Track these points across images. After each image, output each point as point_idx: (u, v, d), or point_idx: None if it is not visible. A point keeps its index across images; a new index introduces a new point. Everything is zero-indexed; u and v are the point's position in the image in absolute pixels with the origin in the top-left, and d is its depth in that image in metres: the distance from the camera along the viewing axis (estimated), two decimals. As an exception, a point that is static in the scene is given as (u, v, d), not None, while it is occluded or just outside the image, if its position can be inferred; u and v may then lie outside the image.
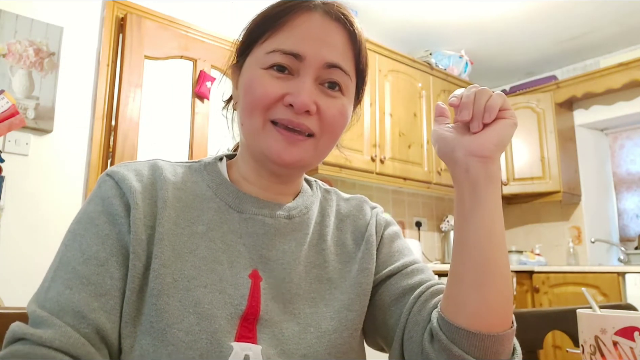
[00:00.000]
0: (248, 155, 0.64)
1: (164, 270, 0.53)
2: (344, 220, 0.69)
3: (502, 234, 0.53)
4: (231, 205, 0.61)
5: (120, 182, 0.57)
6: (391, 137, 3.08)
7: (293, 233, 0.62)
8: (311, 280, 0.61)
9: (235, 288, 0.55)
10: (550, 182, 3.57)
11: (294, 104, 0.56)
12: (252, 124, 0.59)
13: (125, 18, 2.40)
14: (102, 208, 0.56)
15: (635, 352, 0.50)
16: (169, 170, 0.62)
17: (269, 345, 0.54)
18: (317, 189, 0.72)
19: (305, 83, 0.57)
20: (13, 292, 1.82)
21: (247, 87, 0.59)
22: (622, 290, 2.85)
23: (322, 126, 0.59)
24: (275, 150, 0.58)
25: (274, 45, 0.58)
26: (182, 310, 0.52)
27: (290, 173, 0.64)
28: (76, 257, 0.52)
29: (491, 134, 0.52)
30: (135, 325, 0.51)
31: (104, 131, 2.31)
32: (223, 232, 0.59)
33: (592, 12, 3.18)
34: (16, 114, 1.99)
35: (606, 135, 3.95)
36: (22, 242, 2.00)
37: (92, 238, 0.53)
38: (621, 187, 3.85)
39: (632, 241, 3.68)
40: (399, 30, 3.42)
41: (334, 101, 0.59)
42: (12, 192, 2.01)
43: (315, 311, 0.59)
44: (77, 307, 0.49)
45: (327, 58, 0.58)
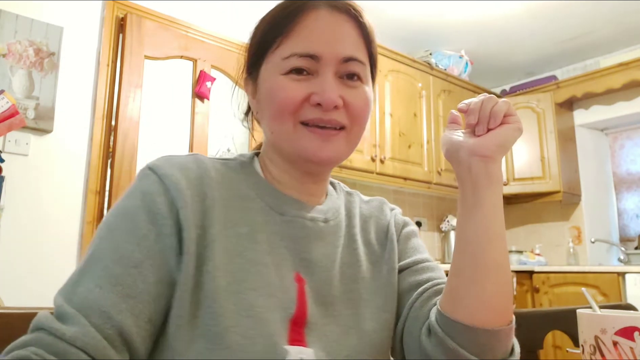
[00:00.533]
0: (279, 159, 0.64)
1: (218, 273, 0.52)
2: (367, 222, 0.70)
3: (501, 232, 0.56)
4: (272, 207, 0.61)
5: (164, 178, 0.55)
6: (391, 137, 3.08)
7: (329, 236, 0.63)
8: (347, 281, 0.62)
9: (284, 292, 0.56)
10: (550, 182, 3.57)
11: (321, 102, 0.57)
12: (282, 129, 0.59)
13: (125, 18, 2.40)
14: (141, 204, 0.53)
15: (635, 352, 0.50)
16: (211, 167, 0.61)
17: (316, 348, 0.55)
18: (340, 191, 0.73)
19: (327, 80, 0.58)
20: (13, 292, 1.82)
21: (270, 95, 0.60)
22: (622, 290, 2.85)
23: (351, 118, 0.60)
24: (311, 150, 0.59)
25: (289, 50, 0.59)
26: (237, 314, 0.51)
27: (324, 170, 0.65)
28: (109, 255, 0.51)
29: (494, 136, 0.56)
30: (191, 329, 0.51)
31: (104, 131, 2.31)
32: (266, 234, 0.58)
33: (592, 12, 3.18)
34: (16, 114, 1.99)
35: (606, 135, 3.95)
36: (22, 242, 2.00)
37: (128, 236, 0.52)
38: (621, 187, 3.85)
39: (632, 241, 3.68)
40: (399, 30, 3.42)
41: (356, 91, 0.60)
42: (12, 192, 2.01)
43: (354, 312, 0.60)
44: (104, 307, 0.48)
45: (342, 53, 0.59)
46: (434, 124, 3.40)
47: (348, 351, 0.56)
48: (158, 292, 0.51)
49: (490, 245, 0.55)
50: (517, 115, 0.56)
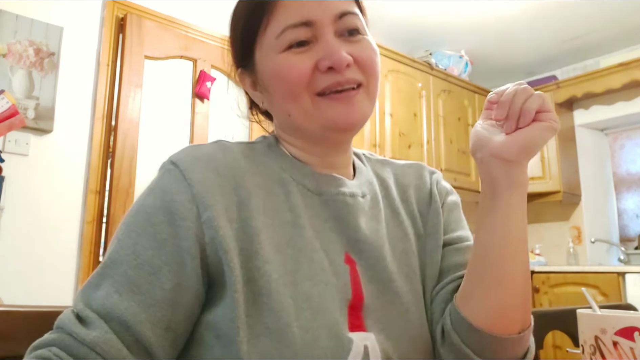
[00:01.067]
0: (298, 140, 0.60)
1: (268, 266, 0.50)
2: (406, 191, 0.66)
3: (520, 240, 0.52)
4: (309, 189, 0.58)
5: (187, 173, 0.52)
6: (391, 137, 3.08)
7: (370, 211, 0.60)
8: (399, 256, 0.59)
9: (337, 277, 0.53)
10: (550, 182, 3.57)
11: (332, 65, 0.54)
12: (301, 107, 0.56)
13: (125, 18, 2.40)
14: (161, 203, 0.51)
15: (635, 352, 0.50)
16: (239, 152, 0.57)
17: (376, 331, 0.52)
18: (367, 161, 0.69)
19: (329, 42, 0.55)
20: (13, 292, 1.82)
21: (277, 77, 0.56)
22: (622, 290, 2.85)
23: (365, 71, 0.58)
24: (338, 118, 0.55)
25: (280, 25, 0.55)
26: (296, 307, 0.49)
27: (348, 139, 0.62)
28: (129, 259, 0.49)
29: (519, 136, 0.50)
30: (249, 327, 0.48)
31: (104, 131, 2.31)
32: (309, 217, 0.55)
33: (593, 12, 3.18)
34: (16, 114, 1.99)
35: (606, 135, 3.95)
36: (22, 242, 2.00)
37: (148, 240, 0.50)
38: (621, 187, 3.85)
39: (632, 241, 3.68)
40: (399, 30, 3.42)
41: (361, 44, 0.58)
42: (12, 192, 2.01)
43: (412, 288, 0.57)
44: (124, 317, 0.47)
45: (334, 10, 0.56)
46: (434, 124, 3.40)
47: (412, 331, 0.54)
48: (175, 299, 0.49)
49: (505, 252, 0.52)
50: (552, 111, 0.50)
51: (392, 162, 0.70)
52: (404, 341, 0.53)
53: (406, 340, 0.53)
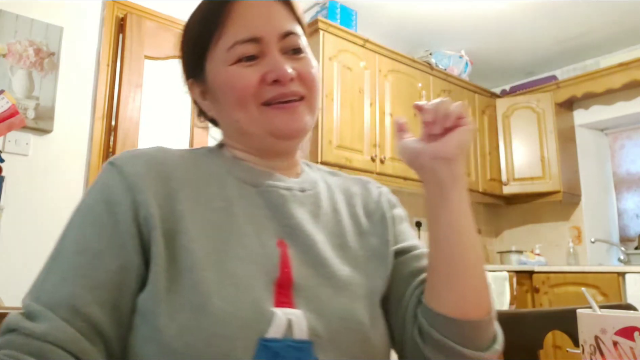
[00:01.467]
0: (246, 145, 0.65)
1: (194, 245, 0.53)
2: (354, 197, 0.71)
3: (470, 229, 0.58)
4: (246, 181, 0.62)
5: (123, 167, 0.56)
6: (391, 137, 3.08)
7: (308, 205, 0.64)
8: (335, 248, 0.62)
9: (266, 257, 0.56)
10: (550, 182, 3.57)
11: (278, 78, 0.60)
12: (248, 115, 0.61)
13: (125, 18, 2.40)
14: (100, 196, 0.55)
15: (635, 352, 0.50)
16: (176, 153, 0.62)
17: (306, 309, 0.55)
18: (317, 169, 0.74)
19: (275, 57, 0.61)
20: (13, 292, 1.82)
21: (227, 86, 0.62)
22: (622, 290, 2.85)
23: (307, 86, 0.63)
24: (281, 126, 0.61)
25: (230, 40, 0.61)
26: (219, 282, 0.51)
27: (293, 147, 0.67)
28: (71, 248, 0.52)
29: (451, 138, 0.57)
30: (171, 302, 0.50)
31: (104, 131, 2.31)
32: (243, 206, 0.59)
33: (592, 12, 3.18)
34: (16, 114, 1.99)
35: (606, 135, 3.95)
36: (22, 242, 2.00)
37: (88, 228, 0.53)
38: (621, 187, 3.85)
39: (632, 241, 3.68)
40: (399, 30, 3.42)
41: (303, 61, 0.64)
42: (12, 192, 2.01)
43: (347, 275, 0.60)
44: (71, 301, 0.48)
45: (280, 29, 0.62)
46: (434, 124, 3.40)
47: (341, 312, 0.56)
48: (121, 279, 0.51)
49: (461, 242, 0.57)
50: (467, 116, 0.58)
51: (340, 174, 0.76)
52: (335, 321, 0.55)
53: (337, 320, 0.55)
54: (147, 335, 0.50)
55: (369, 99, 3.00)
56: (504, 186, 3.73)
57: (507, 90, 4.12)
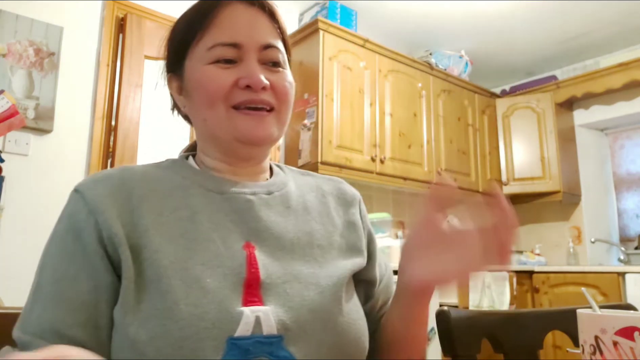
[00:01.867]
0: (214, 148, 0.66)
1: (158, 255, 0.54)
2: (326, 197, 0.73)
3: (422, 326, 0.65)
4: (211, 189, 0.63)
5: (85, 193, 0.58)
6: (391, 137, 3.08)
7: (276, 206, 0.65)
8: (303, 246, 0.63)
9: (232, 260, 0.57)
10: (550, 182, 3.57)
11: (250, 84, 0.61)
12: (216, 115, 0.62)
13: (125, 18, 2.40)
14: (68, 226, 0.57)
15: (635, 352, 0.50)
16: (139, 170, 0.64)
17: (276, 305, 0.56)
18: (289, 171, 0.75)
19: (252, 65, 0.62)
20: (13, 292, 1.82)
21: (200, 84, 0.63)
22: (622, 290, 2.85)
23: (278, 98, 0.64)
24: (246, 131, 0.62)
25: (211, 41, 0.63)
26: (185, 287, 0.52)
27: (259, 152, 0.68)
28: (49, 278, 0.54)
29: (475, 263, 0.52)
30: (136, 313, 0.52)
31: (104, 131, 2.31)
32: (209, 213, 0.60)
33: (592, 12, 3.18)
34: (16, 114, 1.99)
35: (606, 135, 3.95)
36: (22, 242, 2.00)
37: (60, 257, 0.55)
38: (621, 187, 3.85)
39: (632, 241, 3.68)
40: (399, 30, 3.42)
41: (279, 75, 0.65)
42: (12, 192, 2.01)
43: (313, 272, 0.61)
44: (54, 326, 0.50)
45: (261, 41, 0.64)
46: (434, 124, 3.40)
47: (310, 305, 0.58)
48: (97, 298, 0.53)
49: (417, 334, 0.65)
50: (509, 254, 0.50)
51: (313, 174, 0.78)
52: (304, 313, 0.57)
53: (306, 312, 0.57)
54: (121, 344, 0.52)
55: (369, 99, 3.00)
56: (504, 186, 3.73)
57: (507, 90, 4.12)
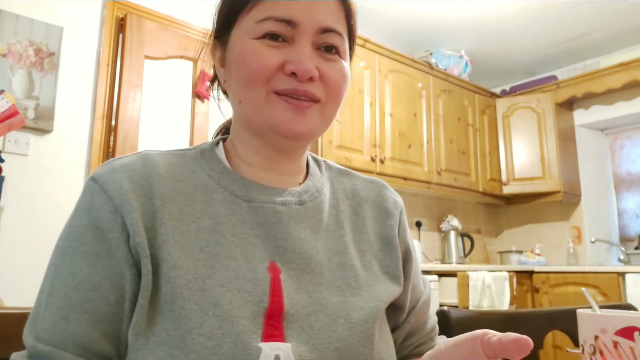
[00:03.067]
0: (248, 135, 0.59)
1: (175, 272, 0.48)
2: (363, 205, 0.65)
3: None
4: (237, 195, 0.56)
5: (107, 186, 0.52)
6: (391, 137, 3.08)
7: (307, 219, 0.58)
8: (334, 268, 0.56)
9: (254, 284, 0.50)
10: (550, 182, 3.57)
11: (297, 72, 0.53)
12: (253, 97, 0.55)
13: (125, 18, 2.40)
14: (88, 221, 0.51)
15: (635, 352, 0.50)
16: (162, 162, 0.56)
17: (299, 342, 0.50)
18: (326, 169, 0.67)
19: (303, 49, 0.54)
20: (13, 292, 1.82)
21: (241, 60, 0.55)
22: (622, 290, 2.85)
23: (327, 91, 0.56)
24: (283, 121, 0.54)
25: (264, 13, 0.54)
26: (201, 313, 0.47)
27: (297, 146, 0.60)
28: (67, 282, 0.48)
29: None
30: (148, 337, 0.47)
31: (104, 131, 2.31)
32: (232, 224, 0.54)
33: (592, 12, 3.18)
34: (16, 114, 1.99)
35: (606, 135, 3.95)
36: (22, 242, 2.00)
37: (81, 258, 0.49)
38: (621, 187, 3.85)
39: (632, 241, 3.68)
40: (399, 30, 3.42)
41: (334, 65, 0.57)
42: (12, 192, 2.01)
43: (343, 300, 0.54)
44: (78, 340, 0.45)
45: (321, 22, 0.55)
46: (434, 124, 3.40)
47: (338, 343, 0.51)
48: (121, 310, 0.48)
49: None
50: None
51: (353, 174, 0.69)
52: (330, 353, 0.50)
53: (332, 352, 0.50)
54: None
55: (369, 99, 3.00)
56: (504, 186, 3.73)
57: (507, 90, 4.12)
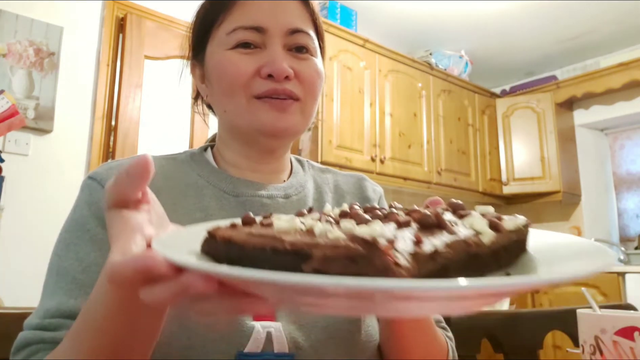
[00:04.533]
0: (234, 141, 0.62)
1: None
2: (344, 197, 0.68)
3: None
4: (226, 191, 0.60)
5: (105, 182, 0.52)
6: (391, 137, 3.08)
7: (292, 212, 0.61)
8: None
9: None
10: (550, 182, 3.57)
11: (272, 72, 0.56)
12: (235, 104, 0.58)
13: (125, 18, 2.40)
14: (89, 212, 0.53)
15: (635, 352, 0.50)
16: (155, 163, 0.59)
17: (288, 321, 0.53)
18: (309, 168, 0.71)
19: (276, 51, 0.57)
20: (13, 292, 1.82)
21: (219, 71, 0.58)
22: (622, 290, 2.85)
23: (304, 88, 0.59)
24: (267, 121, 0.57)
25: (232, 24, 0.57)
26: None
27: (281, 145, 0.63)
28: (74, 267, 0.50)
29: None
30: None
31: (104, 131, 2.31)
32: (222, 217, 0.57)
33: (592, 12, 3.18)
34: (16, 114, 1.99)
35: (606, 135, 3.95)
36: (22, 242, 2.00)
37: (87, 245, 0.51)
38: (621, 187, 3.85)
39: (632, 241, 3.68)
40: (399, 30, 3.42)
41: (307, 63, 0.59)
42: (12, 192, 2.01)
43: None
44: None
45: (288, 24, 0.58)
46: (434, 124, 3.40)
47: (324, 322, 0.55)
48: None
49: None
50: None
51: (333, 171, 0.73)
52: (317, 331, 0.54)
53: (319, 330, 0.54)
54: None
55: (369, 99, 2.99)
56: (504, 186, 3.73)
57: (507, 90, 4.12)
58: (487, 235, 0.30)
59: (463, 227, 0.31)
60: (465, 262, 0.28)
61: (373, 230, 0.25)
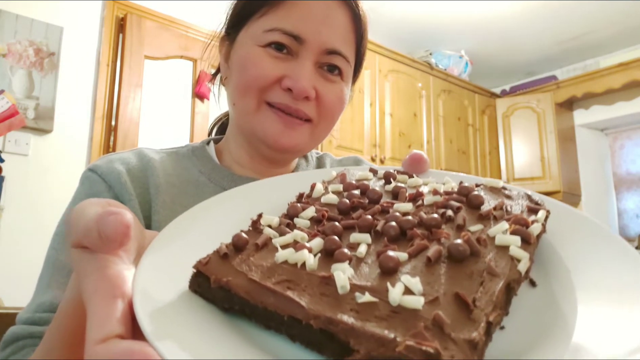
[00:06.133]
0: (240, 137, 0.60)
1: None
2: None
3: None
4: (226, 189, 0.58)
5: (106, 176, 0.54)
6: (391, 137, 3.08)
7: None
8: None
9: None
10: (550, 182, 3.57)
11: (293, 89, 0.53)
12: (245, 104, 0.55)
13: (125, 18, 2.40)
14: None
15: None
16: (156, 157, 0.59)
17: None
18: (311, 159, 0.70)
19: (304, 67, 0.54)
20: (13, 292, 1.82)
21: (242, 65, 0.55)
22: (622, 290, 2.85)
23: (321, 112, 0.56)
24: (271, 134, 0.55)
25: (273, 23, 0.54)
26: None
27: (285, 158, 0.61)
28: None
29: None
30: None
31: (104, 131, 2.31)
32: None
33: (592, 12, 3.17)
34: (16, 114, 1.99)
35: (606, 135, 3.95)
36: (22, 242, 2.00)
37: None
38: (621, 187, 3.84)
39: (632, 241, 3.68)
40: (399, 30, 3.42)
41: (333, 86, 0.57)
42: (12, 192, 2.01)
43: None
44: None
45: (328, 43, 0.54)
46: (434, 124, 3.40)
47: None
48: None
49: None
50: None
51: (330, 156, 0.73)
52: None
53: None
54: None
55: (369, 99, 2.99)
56: (504, 186, 3.72)
57: (507, 90, 4.11)
58: (523, 261, 0.27)
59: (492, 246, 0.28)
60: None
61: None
